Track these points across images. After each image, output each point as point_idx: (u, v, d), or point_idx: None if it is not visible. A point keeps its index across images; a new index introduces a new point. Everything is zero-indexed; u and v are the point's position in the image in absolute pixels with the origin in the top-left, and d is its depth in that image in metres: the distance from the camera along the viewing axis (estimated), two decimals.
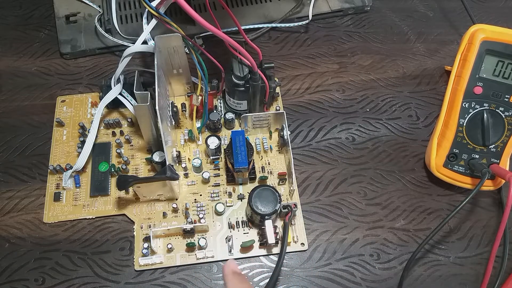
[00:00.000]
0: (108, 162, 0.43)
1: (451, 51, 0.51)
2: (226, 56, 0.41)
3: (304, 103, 0.48)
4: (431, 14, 0.55)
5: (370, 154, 0.45)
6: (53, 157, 0.43)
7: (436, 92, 0.49)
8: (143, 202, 0.41)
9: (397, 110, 0.47)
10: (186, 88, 0.46)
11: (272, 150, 0.44)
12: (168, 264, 0.38)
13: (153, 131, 0.40)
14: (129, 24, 0.51)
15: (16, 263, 0.39)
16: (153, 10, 0.35)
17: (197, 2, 0.52)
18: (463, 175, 0.42)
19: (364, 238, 0.40)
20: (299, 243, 0.40)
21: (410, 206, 0.42)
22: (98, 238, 0.40)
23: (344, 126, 0.46)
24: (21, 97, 0.47)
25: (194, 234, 0.40)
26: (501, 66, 0.41)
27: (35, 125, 0.45)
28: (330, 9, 0.53)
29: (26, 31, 0.51)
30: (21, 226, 0.40)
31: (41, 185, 0.42)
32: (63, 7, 0.51)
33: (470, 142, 0.42)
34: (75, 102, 0.46)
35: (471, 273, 0.39)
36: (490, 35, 0.41)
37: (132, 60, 0.43)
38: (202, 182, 0.42)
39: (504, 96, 0.41)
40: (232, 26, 0.49)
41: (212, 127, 0.44)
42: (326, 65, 0.50)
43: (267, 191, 0.38)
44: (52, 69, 0.49)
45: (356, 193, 0.43)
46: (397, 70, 0.50)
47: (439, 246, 0.40)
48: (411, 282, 0.39)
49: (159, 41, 0.38)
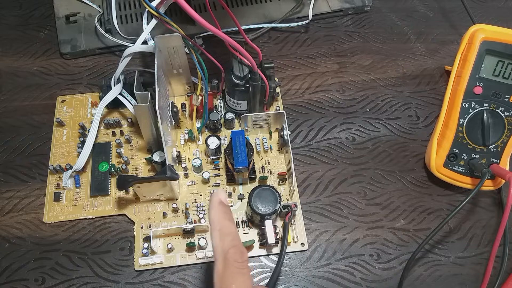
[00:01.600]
0: (108, 162, 0.43)
1: (451, 51, 0.51)
2: (226, 56, 0.41)
3: (304, 103, 0.48)
4: (431, 14, 0.55)
5: (370, 154, 0.45)
6: (53, 157, 0.43)
7: (436, 92, 0.49)
8: (143, 202, 0.41)
9: (397, 110, 0.47)
10: (186, 88, 0.46)
11: (272, 150, 0.44)
12: (168, 264, 0.38)
13: (153, 131, 0.40)
14: (129, 24, 0.51)
15: (16, 263, 0.39)
16: (153, 10, 0.35)
17: (197, 2, 0.52)
18: (463, 175, 0.42)
19: (364, 238, 0.40)
20: (299, 243, 0.40)
21: (410, 206, 0.42)
22: (98, 238, 0.40)
23: (344, 126, 0.46)
24: (21, 97, 0.47)
25: (194, 234, 0.40)
26: (501, 66, 0.41)
27: (35, 125, 0.45)
28: (330, 9, 0.53)
29: (26, 31, 0.51)
30: (21, 226, 0.40)
31: (41, 185, 0.42)
32: (63, 7, 0.51)
33: (470, 142, 0.42)
34: (75, 102, 0.46)
35: (471, 273, 0.39)
36: (490, 35, 0.41)
37: (132, 60, 0.43)
38: (202, 182, 0.42)
39: (504, 96, 0.41)
40: (232, 26, 0.49)
41: (212, 127, 0.44)
42: (326, 65, 0.50)
43: (267, 191, 0.38)
44: (52, 69, 0.49)
45: (356, 193, 0.43)
46: (397, 70, 0.50)
47: (439, 246, 0.40)
48: (411, 282, 0.39)
49: (159, 41, 0.38)
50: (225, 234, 0.26)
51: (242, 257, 0.26)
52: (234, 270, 0.25)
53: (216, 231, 0.27)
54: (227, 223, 0.27)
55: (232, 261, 0.25)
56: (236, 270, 0.25)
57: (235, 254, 0.25)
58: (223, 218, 0.27)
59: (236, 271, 0.25)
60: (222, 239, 0.26)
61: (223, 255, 0.25)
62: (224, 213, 0.27)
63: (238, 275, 0.25)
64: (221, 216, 0.27)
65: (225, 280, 0.25)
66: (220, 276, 0.25)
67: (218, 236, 0.26)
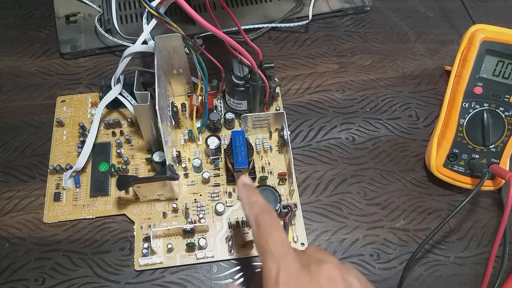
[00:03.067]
0: (108, 162, 0.43)
1: (451, 51, 0.51)
2: (226, 56, 0.41)
3: (304, 103, 0.48)
4: (431, 14, 0.55)
5: (370, 154, 0.45)
6: (53, 157, 0.43)
7: (436, 92, 0.49)
8: (143, 202, 0.41)
9: (397, 110, 0.47)
10: (186, 88, 0.46)
11: (272, 150, 0.44)
12: (168, 264, 0.38)
13: (153, 131, 0.40)
14: (129, 24, 0.51)
15: (16, 263, 0.39)
16: (153, 10, 0.35)
17: (197, 2, 0.52)
18: (463, 175, 0.42)
19: (364, 238, 0.40)
20: (299, 243, 0.40)
21: (410, 206, 0.42)
22: (98, 238, 0.40)
23: (344, 126, 0.46)
24: (21, 97, 0.47)
25: (194, 234, 0.40)
26: (501, 66, 0.41)
27: (35, 125, 0.45)
28: (330, 9, 0.53)
29: (26, 31, 0.51)
30: (21, 226, 0.40)
31: (41, 185, 0.42)
32: (63, 7, 0.52)
33: (470, 142, 0.42)
34: (75, 102, 0.46)
35: (471, 273, 0.39)
36: (490, 35, 0.41)
37: (132, 60, 0.43)
38: (202, 182, 0.42)
39: (504, 96, 0.41)
40: (232, 26, 0.49)
41: (212, 127, 0.44)
42: (326, 65, 0.50)
43: (267, 191, 0.38)
44: (52, 69, 0.49)
45: (356, 193, 0.43)
46: (397, 70, 0.50)
47: (439, 246, 0.40)
48: (411, 282, 0.39)
49: (159, 41, 0.38)
50: (252, 204, 0.30)
51: (271, 216, 0.28)
52: (266, 228, 0.28)
53: (245, 205, 0.30)
54: (252, 196, 0.30)
55: (263, 222, 0.28)
56: (268, 228, 0.28)
57: (264, 216, 0.28)
58: (248, 194, 0.31)
59: (268, 228, 0.28)
60: (251, 208, 0.30)
61: (255, 220, 0.29)
62: (248, 191, 0.31)
63: (271, 231, 0.27)
64: (247, 193, 0.31)
65: (261, 239, 0.27)
66: (257, 238, 0.28)
67: (247, 207, 0.30)
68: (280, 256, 0.26)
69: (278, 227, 0.28)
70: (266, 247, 0.27)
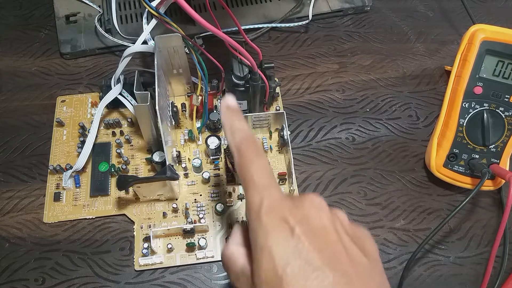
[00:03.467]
0: (108, 162, 0.43)
1: (451, 51, 0.51)
2: (226, 56, 0.41)
3: (304, 103, 0.48)
4: (431, 14, 0.55)
5: (370, 154, 0.45)
6: (53, 157, 0.43)
7: (436, 92, 0.49)
8: (143, 202, 0.41)
9: (397, 110, 0.47)
10: (186, 88, 0.46)
11: (272, 150, 0.44)
12: (168, 264, 0.38)
13: (153, 131, 0.40)
14: (129, 24, 0.51)
15: (16, 263, 0.39)
16: (153, 10, 0.35)
17: (197, 2, 0.52)
18: (463, 175, 0.42)
19: None
20: None
21: (410, 206, 0.42)
22: (98, 238, 0.40)
23: (344, 126, 0.46)
24: (21, 97, 0.47)
25: (194, 234, 0.40)
26: (501, 66, 0.41)
27: (35, 125, 0.45)
28: (330, 9, 0.53)
29: (26, 31, 0.51)
30: (21, 226, 0.40)
31: (41, 185, 0.42)
32: (63, 7, 0.52)
33: (470, 142, 0.42)
34: (75, 102, 0.46)
35: (471, 273, 0.39)
36: (490, 35, 0.41)
37: (132, 60, 0.43)
38: (202, 182, 0.42)
39: (504, 96, 0.41)
40: (232, 26, 0.49)
41: (212, 127, 0.44)
42: (326, 65, 0.50)
43: None
44: (52, 69, 0.49)
45: (356, 193, 0.43)
46: (397, 70, 0.50)
47: (439, 246, 0.40)
48: (411, 282, 0.39)
49: (159, 41, 0.38)
50: (235, 131, 0.28)
51: (254, 145, 0.27)
52: (248, 157, 0.26)
53: (227, 131, 0.28)
54: (236, 122, 0.28)
55: (246, 151, 0.27)
56: (250, 157, 0.26)
57: (246, 144, 0.27)
58: (231, 118, 0.28)
59: (251, 158, 0.26)
60: (233, 135, 0.28)
61: (237, 148, 0.27)
62: (231, 115, 0.29)
63: (254, 160, 0.26)
64: (230, 117, 0.29)
65: (243, 168, 0.26)
66: (239, 168, 0.27)
67: (229, 134, 0.28)
68: (263, 186, 0.25)
69: (261, 156, 0.27)
70: (249, 177, 0.26)
